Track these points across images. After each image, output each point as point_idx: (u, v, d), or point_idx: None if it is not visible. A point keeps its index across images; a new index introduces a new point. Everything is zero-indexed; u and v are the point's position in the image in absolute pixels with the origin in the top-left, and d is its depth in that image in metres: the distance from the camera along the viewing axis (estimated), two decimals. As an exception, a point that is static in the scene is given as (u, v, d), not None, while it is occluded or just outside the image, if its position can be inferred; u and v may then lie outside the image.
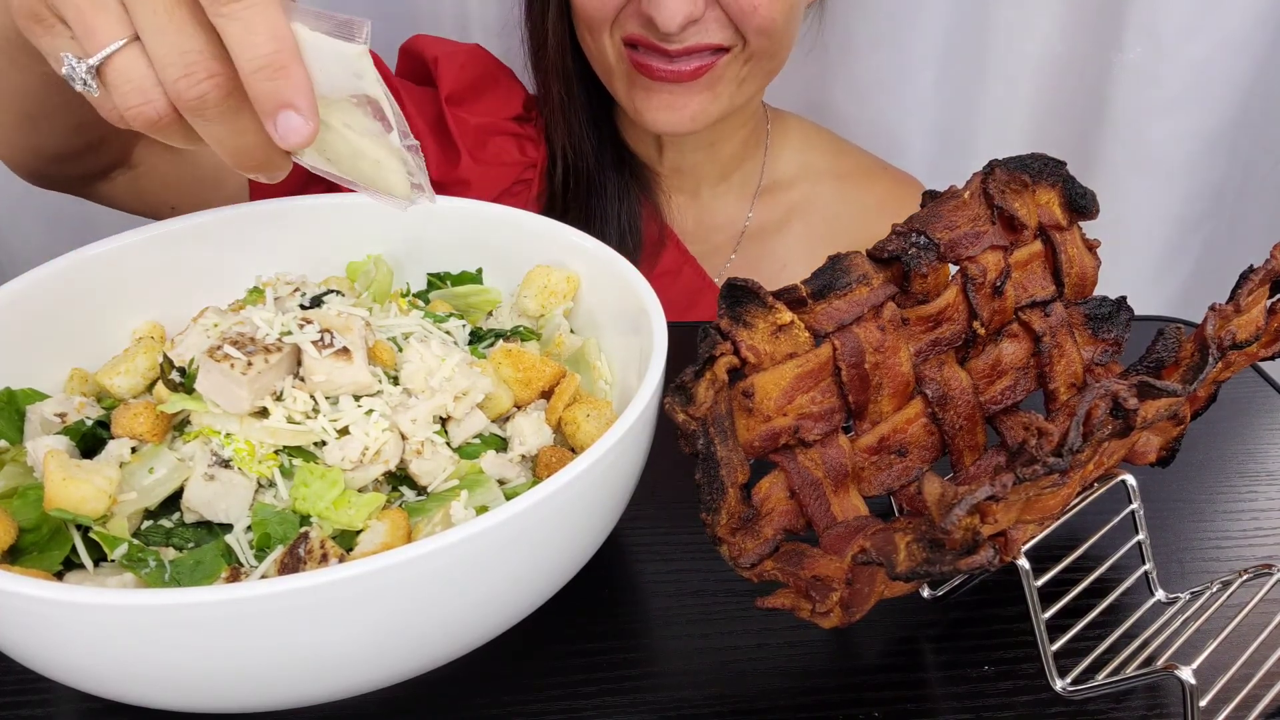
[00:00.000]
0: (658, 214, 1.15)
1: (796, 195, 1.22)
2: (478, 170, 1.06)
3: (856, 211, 1.22)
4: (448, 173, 1.05)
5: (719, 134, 1.13)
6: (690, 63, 0.98)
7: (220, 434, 0.55)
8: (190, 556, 0.52)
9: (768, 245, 1.21)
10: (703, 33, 0.97)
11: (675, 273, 1.14)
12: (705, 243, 1.19)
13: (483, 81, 1.11)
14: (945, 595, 0.60)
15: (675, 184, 1.17)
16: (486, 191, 1.07)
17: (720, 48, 0.99)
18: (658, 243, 1.14)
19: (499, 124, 1.10)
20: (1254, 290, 0.60)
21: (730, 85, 1.02)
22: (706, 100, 1.01)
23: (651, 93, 1.00)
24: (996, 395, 0.63)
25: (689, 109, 1.01)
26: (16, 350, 0.62)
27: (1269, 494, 0.71)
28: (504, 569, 0.48)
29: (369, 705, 0.54)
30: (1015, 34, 1.37)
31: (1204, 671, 0.50)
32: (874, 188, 1.24)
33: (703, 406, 0.52)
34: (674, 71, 0.98)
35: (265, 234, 0.73)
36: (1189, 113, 1.36)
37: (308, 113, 0.50)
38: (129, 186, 0.92)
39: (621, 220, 1.10)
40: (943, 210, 0.61)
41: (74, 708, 0.54)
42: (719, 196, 1.19)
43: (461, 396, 0.59)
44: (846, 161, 1.25)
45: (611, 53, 1.01)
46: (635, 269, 0.66)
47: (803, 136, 1.24)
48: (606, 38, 1.00)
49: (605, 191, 1.10)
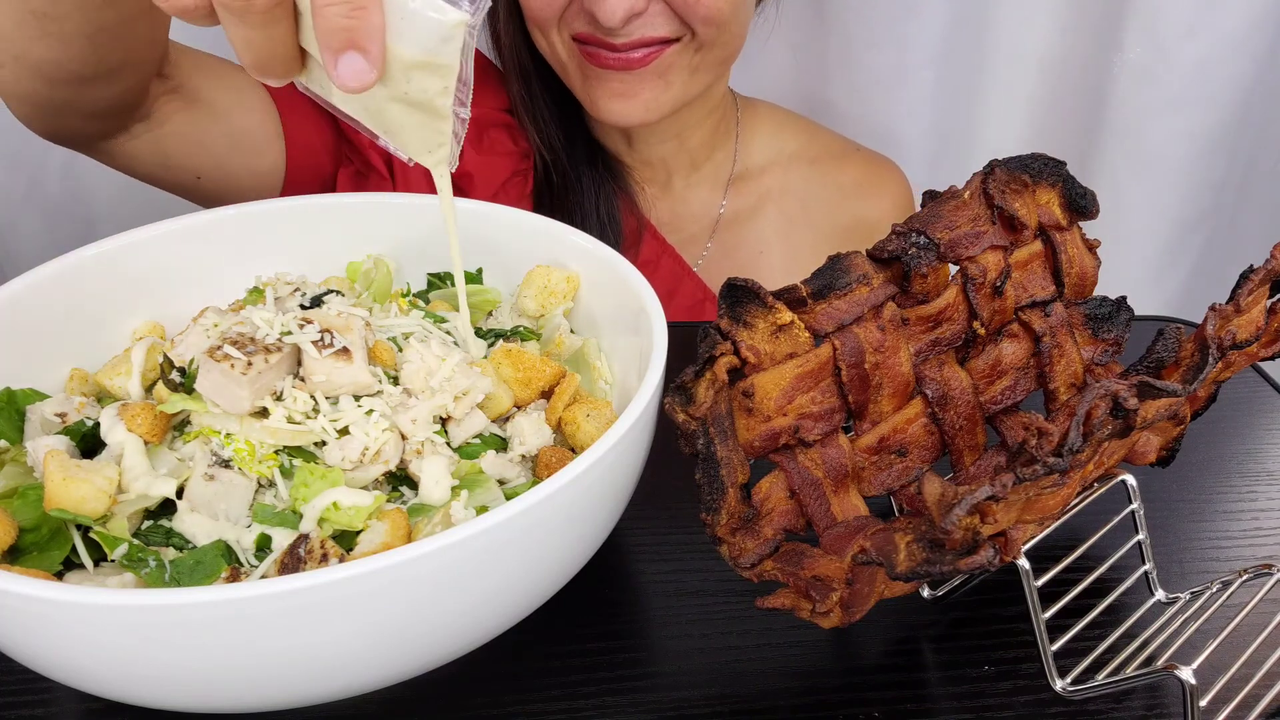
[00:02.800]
0: (633, 206, 1.16)
1: (770, 181, 1.22)
2: (479, 161, 1.07)
3: (830, 193, 1.23)
4: None
5: (684, 124, 1.13)
6: (638, 51, 0.99)
7: (220, 434, 0.55)
8: (190, 556, 0.52)
9: (743, 232, 1.22)
10: (647, 26, 0.97)
11: (654, 263, 1.16)
12: (681, 232, 1.20)
13: (474, 76, 1.12)
14: (945, 595, 0.60)
15: (647, 176, 1.18)
16: (489, 183, 1.08)
17: (667, 39, 0.99)
18: (636, 234, 1.15)
19: (492, 115, 1.11)
20: (1254, 290, 0.60)
21: (682, 74, 1.02)
22: (658, 89, 1.02)
23: (603, 82, 1.01)
24: (996, 395, 0.63)
25: (641, 97, 1.01)
26: (16, 350, 0.62)
27: (1269, 494, 0.71)
28: (504, 569, 0.48)
29: (369, 705, 0.54)
30: (1015, 34, 1.37)
31: (1204, 671, 0.50)
32: (847, 169, 1.25)
33: (703, 406, 0.52)
34: (622, 59, 0.99)
35: (265, 234, 0.73)
36: (1189, 113, 1.36)
37: (375, 60, 0.47)
38: (152, 146, 0.91)
39: (600, 213, 1.11)
40: (943, 210, 0.61)
41: (74, 708, 0.54)
42: (692, 186, 1.20)
43: (461, 397, 0.59)
44: (818, 144, 1.26)
45: (562, 49, 1.02)
46: (635, 269, 0.66)
47: (774, 123, 1.25)
48: (555, 35, 1.01)
49: (580, 186, 1.11)
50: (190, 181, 0.97)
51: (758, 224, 1.22)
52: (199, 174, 0.96)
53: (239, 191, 0.99)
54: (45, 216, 1.39)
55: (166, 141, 0.91)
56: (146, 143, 0.90)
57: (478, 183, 1.06)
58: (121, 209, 1.33)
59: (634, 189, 1.16)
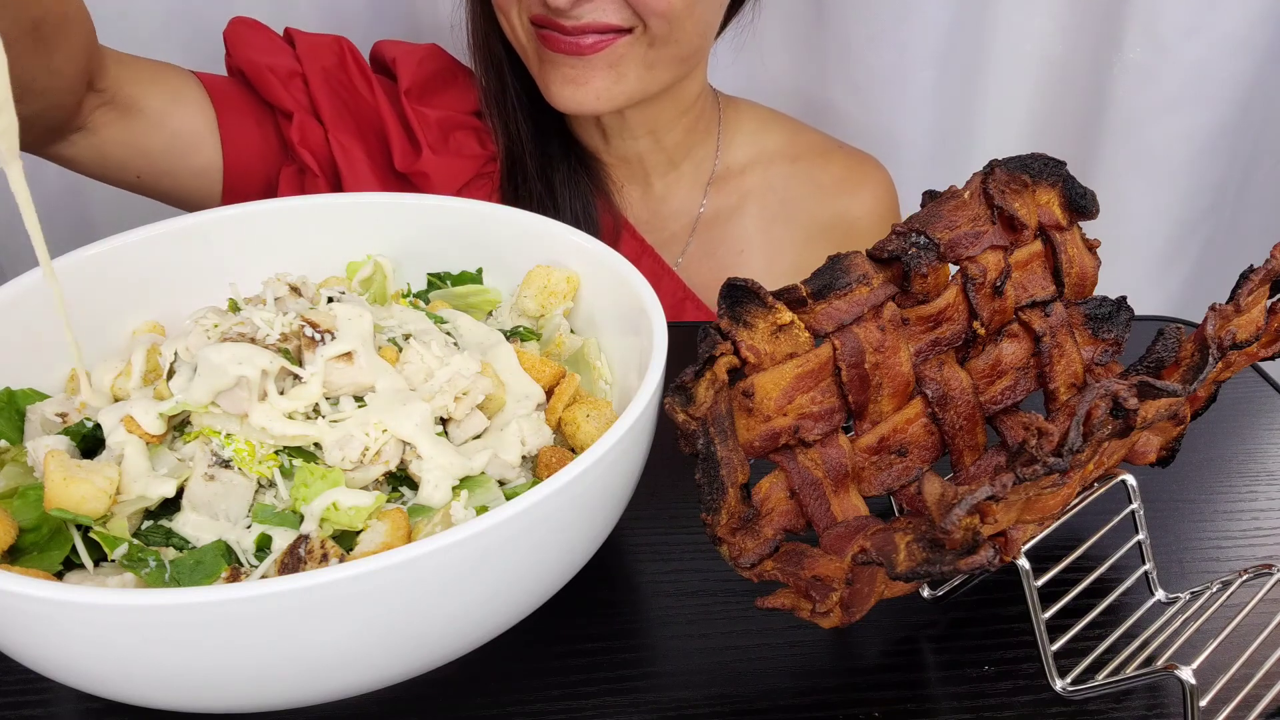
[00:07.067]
0: (610, 204, 1.16)
1: (751, 180, 1.22)
2: (437, 162, 1.07)
3: (812, 191, 1.23)
4: (410, 164, 1.07)
5: (658, 121, 1.13)
6: (589, 37, 0.99)
7: (220, 434, 0.55)
8: (190, 556, 0.52)
9: (724, 231, 1.21)
10: (598, 12, 0.98)
11: (634, 261, 1.15)
12: (661, 231, 1.20)
13: (440, 78, 1.13)
14: (945, 595, 0.60)
15: (625, 174, 1.18)
16: (448, 184, 1.08)
17: (619, 29, 1.00)
18: (613, 233, 1.15)
19: (458, 118, 1.11)
20: (1254, 290, 0.60)
21: (635, 68, 1.02)
22: (610, 79, 1.02)
23: (556, 66, 1.02)
24: (996, 395, 0.63)
25: (592, 85, 1.02)
26: (16, 350, 0.62)
27: (1269, 494, 0.71)
28: (504, 569, 0.48)
29: (369, 705, 0.54)
30: (1015, 34, 1.37)
31: (1204, 671, 0.50)
32: (829, 166, 1.24)
33: (703, 406, 0.52)
34: (573, 44, 0.99)
35: (265, 234, 0.73)
36: (1189, 113, 1.36)
37: None
38: (91, 152, 0.92)
39: (574, 210, 1.11)
40: (943, 210, 0.61)
41: (74, 708, 0.54)
42: (670, 185, 1.20)
43: (462, 397, 0.59)
44: (801, 142, 1.25)
45: (522, 32, 1.03)
46: (635, 269, 0.66)
47: (757, 122, 1.25)
48: (515, 17, 1.02)
49: (553, 181, 1.11)
50: (131, 180, 0.98)
51: (739, 223, 1.21)
52: (138, 174, 0.97)
53: (181, 189, 1.01)
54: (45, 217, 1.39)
55: (104, 148, 0.92)
56: (84, 149, 0.91)
57: (434, 182, 1.07)
58: (121, 209, 1.33)
59: (611, 187, 1.16)
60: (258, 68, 1.03)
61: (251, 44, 1.05)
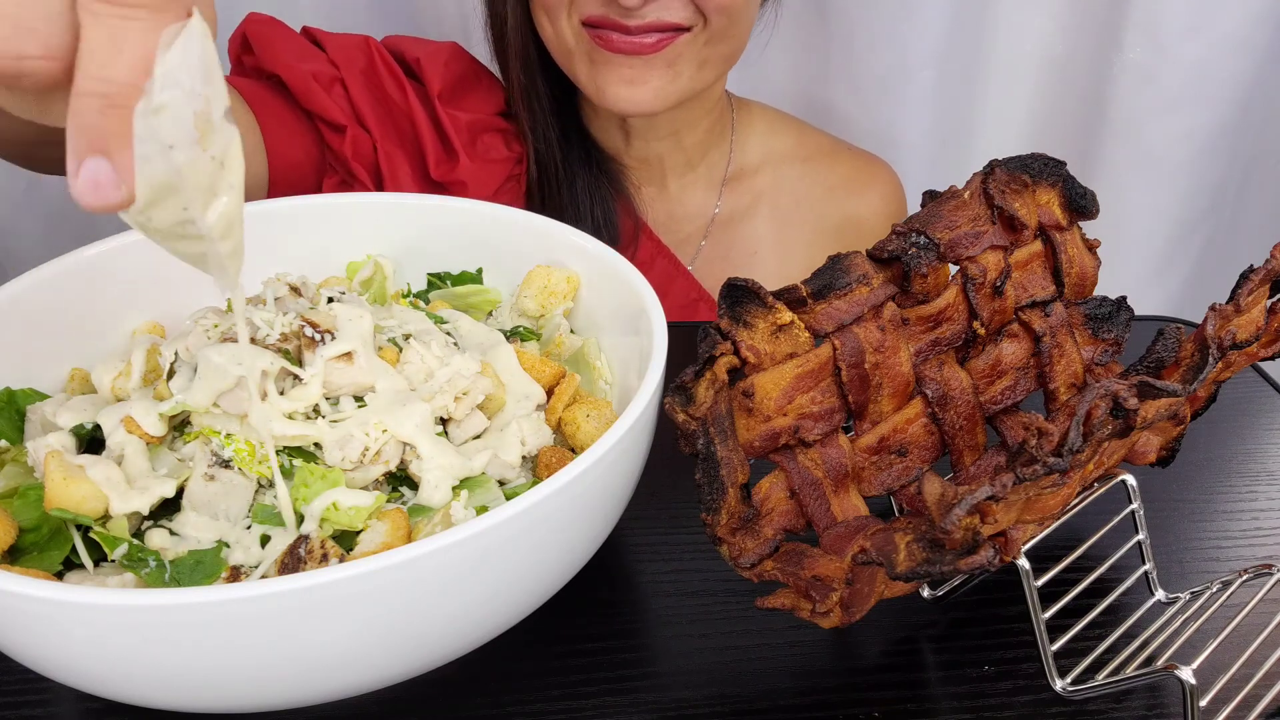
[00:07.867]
0: (630, 207, 1.16)
1: (763, 181, 1.23)
2: (473, 168, 1.07)
3: (821, 191, 1.24)
4: (447, 173, 1.06)
5: (682, 122, 1.14)
6: (651, 35, 0.99)
7: (220, 434, 0.55)
8: (190, 556, 0.52)
9: (737, 232, 1.22)
10: (664, 9, 0.97)
11: (649, 263, 1.16)
12: (676, 233, 1.20)
13: (466, 79, 1.12)
14: (945, 595, 0.60)
15: (644, 175, 1.18)
16: (482, 190, 1.07)
17: (680, 27, 0.99)
18: (633, 235, 1.15)
19: (486, 120, 1.10)
20: (1254, 290, 0.60)
21: (690, 66, 1.02)
22: (667, 78, 1.01)
23: (612, 67, 1.01)
24: (996, 395, 0.63)
25: (650, 84, 1.01)
26: (16, 350, 0.62)
27: (1269, 494, 0.71)
28: (504, 569, 0.48)
29: (369, 705, 0.54)
30: (1015, 34, 1.37)
31: (1204, 671, 0.50)
32: (837, 167, 1.25)
33: (703, 406, 0.52)
34: (634, 43, 0.98)
35: (265, 234, 0.73)
36: (1189, 113, 1.36)
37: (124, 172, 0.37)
38: None
39: (595, 214, 1.11)
40: (943, 210, 0.61)
41: (74, 708, 0.54)
42: (686, 187, 1.20)
43: (462, 397, 0.59)
44: (810, 144, 1.26)
45: (570, 34, 1.01)
46: (635, 269, 0.66)
47: (767, 123, 1.25)
48: (564, 20, 1.00)
49: (575, 185, 1.11)
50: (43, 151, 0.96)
51: (752, 224, 1.22)
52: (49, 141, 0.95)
53: None
54: (45, 216, 1.39)
55: None
56: None
57: (471, 190, 1.06)
58: (122, 209, 1.33)
59: (630, 188, 1.16)
60: (300, 75, 1.00)
61: (279, 46, 1.01)
